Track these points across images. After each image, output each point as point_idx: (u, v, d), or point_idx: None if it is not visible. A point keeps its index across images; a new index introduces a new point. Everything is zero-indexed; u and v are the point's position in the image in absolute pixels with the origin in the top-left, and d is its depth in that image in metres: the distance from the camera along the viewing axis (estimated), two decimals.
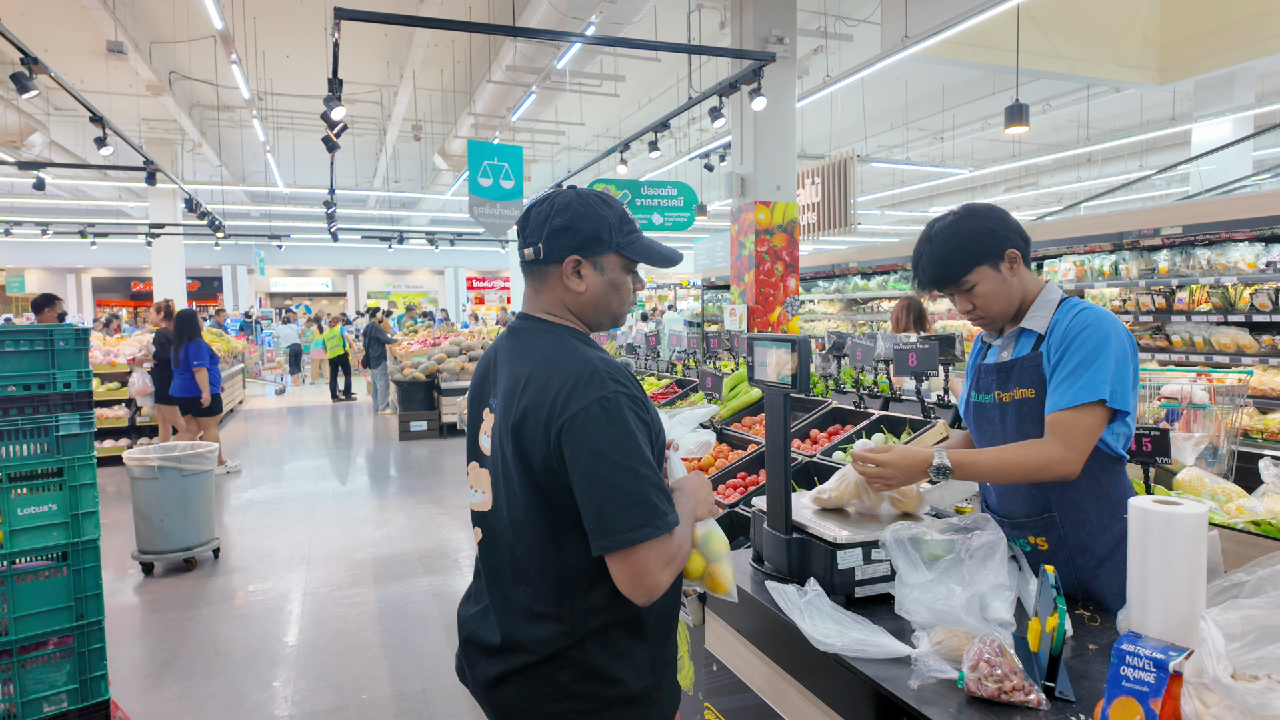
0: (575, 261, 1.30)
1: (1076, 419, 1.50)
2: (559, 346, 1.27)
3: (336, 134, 6.34)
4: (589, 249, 1.30)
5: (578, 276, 1.32)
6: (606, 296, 1.34)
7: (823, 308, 9.23)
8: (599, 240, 1.30)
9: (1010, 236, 1.63)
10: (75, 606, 2.60)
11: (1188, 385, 2.51)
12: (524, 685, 1.25)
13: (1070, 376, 1.52)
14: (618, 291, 1.35)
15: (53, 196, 17.63)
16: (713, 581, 1.43)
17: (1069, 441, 1.50)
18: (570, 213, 1.30)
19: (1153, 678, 1.01)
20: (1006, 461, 1.54)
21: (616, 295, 1.36)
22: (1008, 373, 1.66)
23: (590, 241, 1.30)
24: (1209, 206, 4.42)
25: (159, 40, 9.55)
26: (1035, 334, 1.63)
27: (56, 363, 2.59)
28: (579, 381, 1.19)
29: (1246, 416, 3.93)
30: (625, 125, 13.23)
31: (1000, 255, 1.62)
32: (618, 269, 1.34)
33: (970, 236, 1.62)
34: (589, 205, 1.31)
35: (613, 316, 1.37)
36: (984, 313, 1.67)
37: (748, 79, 5.87)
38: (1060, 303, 1.63)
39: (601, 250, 1.31)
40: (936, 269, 1.65)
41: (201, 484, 4.77)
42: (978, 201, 1.71)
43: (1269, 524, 1.85)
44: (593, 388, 1.18)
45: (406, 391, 9.79)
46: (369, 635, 3.82)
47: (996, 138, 13.88)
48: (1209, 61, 7.33)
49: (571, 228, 1.29)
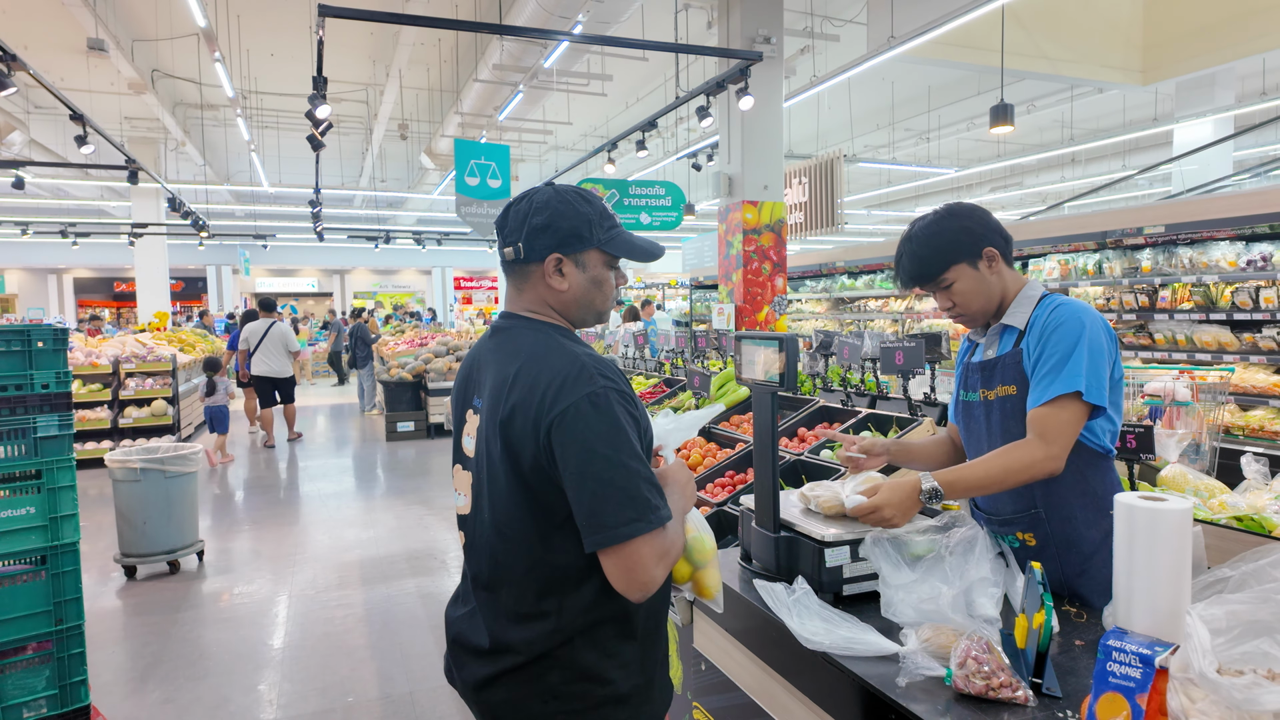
0: (557, 260, 1.29)
1: (1054, 414, 1.52)
2: (546, 343, 1.26)
3: (321, 133, 6.29)
4: (570, 246, 1.29)
5: (560, 275, 1.30)
6: (589, 294, 1.33)
7: (810, 307, 9.26)
8: (579, 237, 1.29)
9: (989, 235, 1.65)
10: (54, 611, 2.56)
11: (1170, 383, 2.53)
12: (513, 687, 1.23)
13: (1048, 373, 1.54)
14: (600, 288, 1.34)
15: (33, 196, 17.37)
16: (700, 587, 1.42)
17: (1048, 437, 1.51)
18: (549, 210, 1.28)
19: (1139, 673, 1.01)
20: (993, 471, 1.55)
21: (599, 292, 1.34)
22: (991, 370, 1.68)
23: (570, 239, 1.28)
24: (1191, 206, 4.47)
25: (141, 38, 9.44)
26: (1016, 330, 1.65)
27: (34, 363, 2.54)
28: (568, 377, 1.18)
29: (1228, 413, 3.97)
30: (613, 125, 13.21)
31: (978, 254, 1.64)
32: (600, 265, 1.32)
33: (949, 235, 1.65)
34: (567, 202, 1.30)
35: (596, 313, 1.36)
36: (963, 310, 1.69)
37: (735, 78, 5.87)
38: (1040, 299, 1.65)
39: (582, 247, 1.30)
40: (916, 266, 1.68)
41: (185, 486, 4.71)
42: (960, 202, 1.73)
43: (1251, 519, 1.87)
44: (582, 383, 1.17)
45: (393, 392, 9.73)
46: (356, 637, 3.78)
47: (982, 138, 13.98)
48: (1190, 63, 7.42)
49: (551, 226, 1.28)
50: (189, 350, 9.99)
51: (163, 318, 13.49)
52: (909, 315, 7.48)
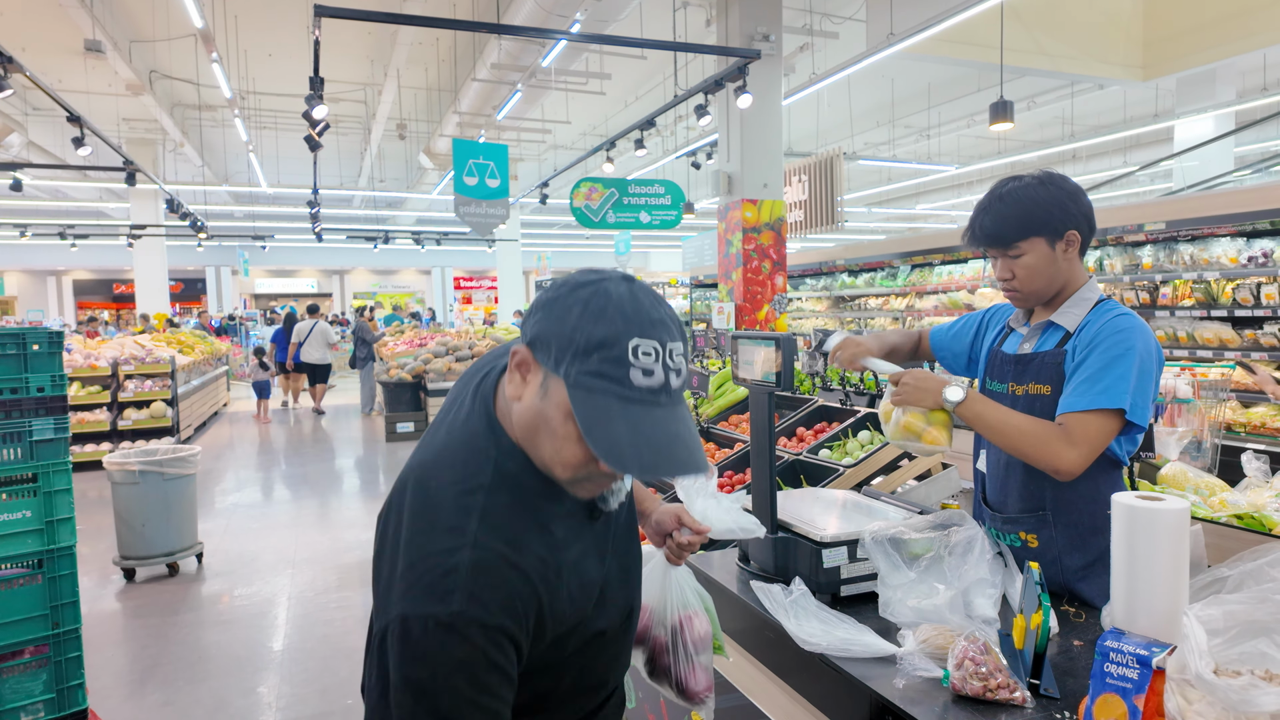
0: (523, 355, 0.90)
1: (1090, 422, 1.46)
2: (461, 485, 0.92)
3: (319, 133, 6.29)
4: (538, 348, 0.89)
5: (519, 374, 0.91)
6: (533, 426, 0.90)
7: (810, 305, 9.25)
8: (547, 346, 0.87)
9: (1077, 218, 1.57)
10: (51, 614, 2.55)
11: (1172, 380, 2.52)
12: None
13: (1091, 379, 1.47)
14: (549, 436, 0.89)
15: (31, 198, 17.38)
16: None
17: (1076, 441, 1.46)
18: (558, 294, 0.90)
19: (1136, 674, 1.01)
20: (1013, 422, 1.51)
21: (546, 437, 0.89)
22: (1026, 365, 1.62)
23: (542, 341, 0.88)
24: (1192, 202, 4.46)
25: (138, 39, 9.43)
26: (1063, 330, 1.59)
27: (29, 366, 2.54)
28: (422, 571, 0.86)
29: (1229, 411, 3.96)
30: (612, 124, 13.20)
31: (1060, 233, 1.56)
32: (557, 404, 0.87)
33: (1041, 204, 1.55)
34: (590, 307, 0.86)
35: (544, 464, 0.92)
36: (1022, 286, 1.60)
37: (733, 76, 5.86)
38: (1097, 303, 1.59)
39: (546, 364, 0.87)
40: (996, 225, 1.58)
41: (183, 488, 4.71)
42: (1061, 174, 1.64)
43: (1252, 517, 1.86)
44: (431, 595, 0.85)
45: (393, 392, 9.73)
46: (355, 639, 3.78)
47: (982, 135, 13.96)
48: (1191, 58, 7.40)
49: (542, 311, 0.90)
50: (188, 352, 9.98)
51: (160, 318, 13.51)
52: (910, 313, 7.46)
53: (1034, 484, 1.61)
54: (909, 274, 7.47)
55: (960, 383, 1.57)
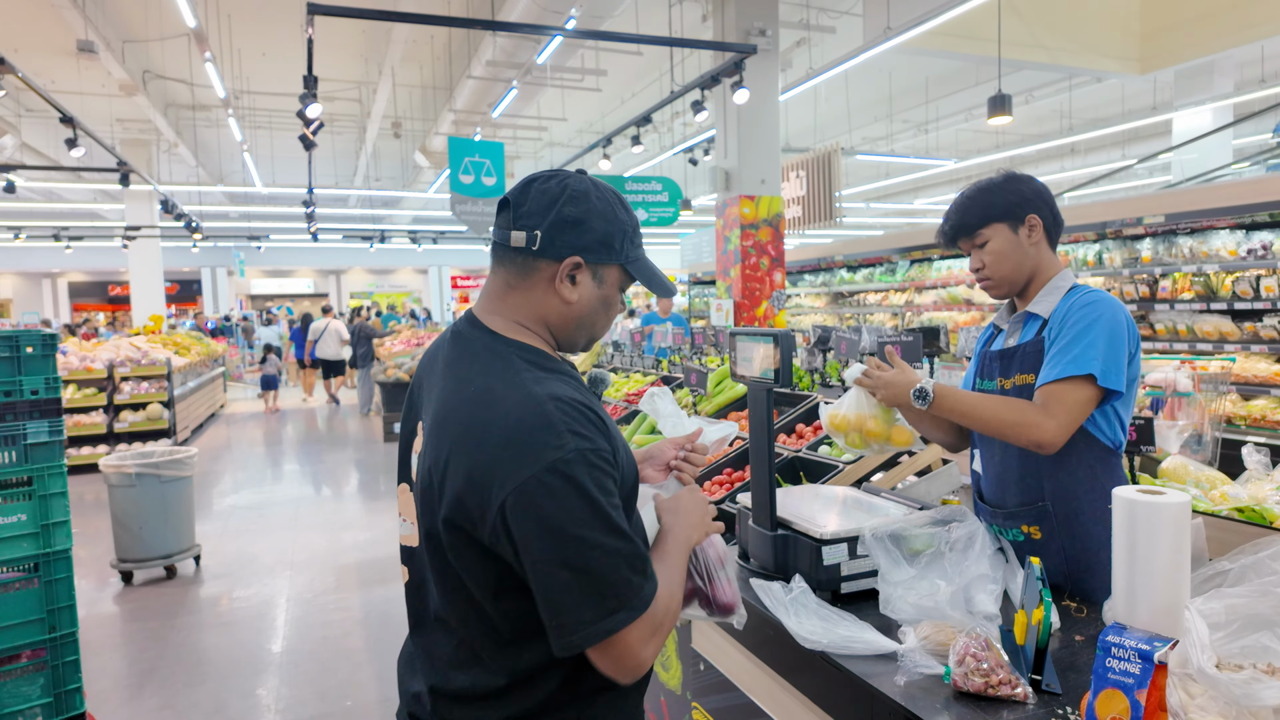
0: (575, 264, 1.08)
1: (1064, 391, 1.51)
2: (502, 377, 1.03)
3: (313, 132, 6.26)
4: (595, 253, 1.09)
5: (571, 283, 1.09)
6: (595, 314, 1.14)
7: (809, 301, 9.24)
8: (609, 247, 1.09)
9: (1035, 203, 1.65)
10: (48, 618, 2.54)
11: (1172, 373, 2.52)
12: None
13: (1062, 351, 1.53)
14: (608, 311, 1.16)
15: (25, 199, 17.33)
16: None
17: (1051, 410, 1.50)
18: (587, 204, 1.08)
19: (1138, 669, 1.00)
20: (985, 405, 1.57)
21: (605, 315, 1.16)
22: (1010, 359, 1.67)
23: (600, 246, 1.09)
24: (1190, 195, 4.45)
25: (131, 39, 9.39)
26: (1040, 320, 1.64)
27: (23, 369, 2.52)
28: (526, 439, 0.95)
29: (1230, 403, 3.96)
30: (608, 120, 13.16)
31: (1020, 218, 1.64)
32: (615, 285, 1.14)
33: (997, 194, 1.65)
34: (608, 203, 1.10)
35: (589, 338, 1.17)
36: (991, 273, 1.67)
37: (729, 72, 5.84)
38: (1069, 290, 1.64)
39: (608, 260, 1.10)
40: (958, 216, 1.68)
41: (181, 490, 4.69)
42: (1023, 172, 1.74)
43: (1253, 510, 1.85)
44: (547, 447, 0.95)
45: (391, 392, 9.71)
46: (354, 641, 3.77)
47: (980, 129, 13.94)
48: (1189, 51, 7.39)
49: (585, 223, 1.07)
50: (184, 353, 9.95)
51: (158, 321, 13.48)
52: (909, 309, 7.45)
53: (1031, 476, 1.63)
54: (908, 269, 7.45)
55: (925, 378, 1.63)
